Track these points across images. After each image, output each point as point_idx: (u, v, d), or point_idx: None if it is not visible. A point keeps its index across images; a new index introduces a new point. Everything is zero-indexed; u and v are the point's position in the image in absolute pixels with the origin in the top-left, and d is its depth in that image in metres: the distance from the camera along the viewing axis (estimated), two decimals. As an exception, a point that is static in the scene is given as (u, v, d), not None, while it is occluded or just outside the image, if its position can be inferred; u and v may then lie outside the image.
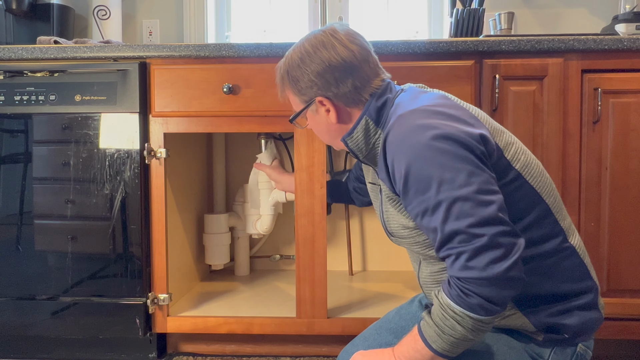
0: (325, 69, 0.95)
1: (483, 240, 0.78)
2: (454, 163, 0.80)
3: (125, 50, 1.48)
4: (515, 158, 0.89)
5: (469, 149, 0.82)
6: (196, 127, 1.49)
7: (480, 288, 0.79)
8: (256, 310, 1.57)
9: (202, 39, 2.14)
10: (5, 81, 1.50)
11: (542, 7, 2.07)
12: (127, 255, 1.50)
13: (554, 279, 0.89)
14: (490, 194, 0.80)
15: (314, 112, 1.01)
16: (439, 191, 0.80)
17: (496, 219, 0.79)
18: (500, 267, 0.78)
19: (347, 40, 0.95)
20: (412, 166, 0.82)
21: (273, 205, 1.78)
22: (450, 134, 0.82)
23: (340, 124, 1.00)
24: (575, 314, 0.90)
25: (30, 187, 1.51)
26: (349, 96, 0.96)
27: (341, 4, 2.18)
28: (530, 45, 1.42)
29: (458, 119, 0.86)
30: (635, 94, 1.43)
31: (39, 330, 1.52)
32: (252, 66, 1.46)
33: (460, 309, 0.80)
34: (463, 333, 0.81)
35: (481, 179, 0.80)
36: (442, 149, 0.81)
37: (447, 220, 0.80)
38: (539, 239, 0.89)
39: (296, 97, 1.02)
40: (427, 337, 0.84)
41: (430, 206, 0.82)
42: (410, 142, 0.83)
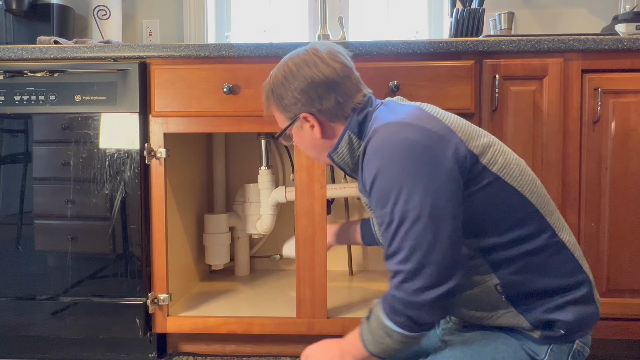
0: (308, 85, 0.98)
1: (420, 266, 0.84)
2: (416, 181, 0.85)
3: (125, 50, 1.48)
4: (492, 161, 0.91)
5: (436, 164, 0.86)
6: (196, 127, 1.49)
7: (407, 309, 0.86)
8: (256, 310, 1.57)
9: (202, 39, 2.14)
10: (5, 81, 1.50)
11: (542, 7, 2.07)
12: (127, 255, 1.50)
13: (546, 274, 0.91)
14: (441, 220, 0.84)
15: (299, 128, 1.04)
16: (394, 207, 0.86)
17: (438, 246, 0.84)
18: (429, 295, 0.84)
19: (329, 59, 0.99)
20: (377, 177, 0.88)
21: (273, 205, 1.78)
22: (419, 150, 0.86)
23: (325, 139, 1.03)
24: (570, 309, 0.90)
25: (30, 187, 1.51)
26: (332, 111, 1.00)
27: (341, 4, 2.18)
28: (530, 45, 1.42)
29: (429, 131, 0.89)
30: (635, 94, 1.43)
31: (39, 330, 1.52)
32: (252, 66, 1.46)
33: (389, 324, 0.88)
34: (391, 344, 0.90)
35: (438, 201, 0.84)
36: (408, 165, 0.85)
37: (394, 237, 0.86)
38: (527, 237, 0.90)
39: (281, 114, 1.05)
40: (364, 339, 0.93)
41: (386, 220, 0.87)
42: (380, 154, 0.88)
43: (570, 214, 1.45)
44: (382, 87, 1.43)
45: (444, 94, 1.43)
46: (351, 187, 1.78)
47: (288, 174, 2.02)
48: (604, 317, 1.45)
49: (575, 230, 1.45)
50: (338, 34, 1.92)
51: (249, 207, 1.88)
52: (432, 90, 1.43)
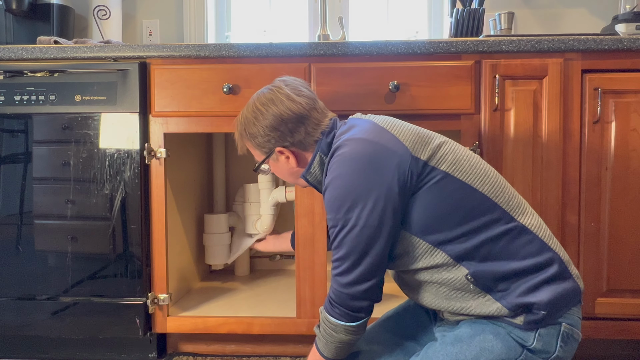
0: (278, 122, 1.06)
1: (352, 265, 0.97)
2: (358, 193, 0.95)
3: (125, 50, 1.48)
4: (441, 160, 0.97)
5: (378, 176, 0.94)
6: (196, 127, 1.49)
7: (340, 299, 0.99)
8: (256, 310, 1.57)
9: (202, 39, 2.14)
10: (5, 81, 1.50)
11: (542, 7, 2.07)
12: (127, 255, 1.50)
13: (511, 258, 0.94)
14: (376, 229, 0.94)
15: (275, 160, 1.13)
16: (337, 214, 0.97)
17: (370, 251, 0.95)
18: (358, 288, 0.97)
19: (293, 95, 1.07)
20: (328, 187, 0.99)
21: (273, 205, 1.78)
22: (364, 163, 0.96)
23: (300, 167, 1.12)
24: (545, 289, 0.92)
25: (30, 187, 1.51)
26: (303, 142, 1.08)
27: (341, 4, 2.18)
28: (530, 45, 1.42)
29: (376, 144, 0.97)
30: (635, 94, 1.43)
31: (39, 330, 1.52)
32: (252, 66, 1.46)
33: (331, 319, 1.01)
34: (341, 339, 1.01)
35: (375, 212, 0.94)
36: (353, 178, 0.95)
37: (336, 238, 0.98)
38: (482, 226, 0.95)
39: (256, 149, 1.13)
40: (318, 347, 1.06)
41: (330, 223, 0.99)
42: (332, 167, 0.99)
43: (570, 214, 1.45)
44: (382, 87, 1.43)
45: (444, 94, 1.43)
46: (351, 187, 1.78)
47: (288, 174, 2.02)
48: (604, 317, 1.45)
49: (575, 230, 1.45)
50: (338, 34, 1.92)
51: (249, 207, 1.88)
52: (432, 90, 1.43)
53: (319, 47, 1.43)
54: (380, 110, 1.44)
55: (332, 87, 1.44)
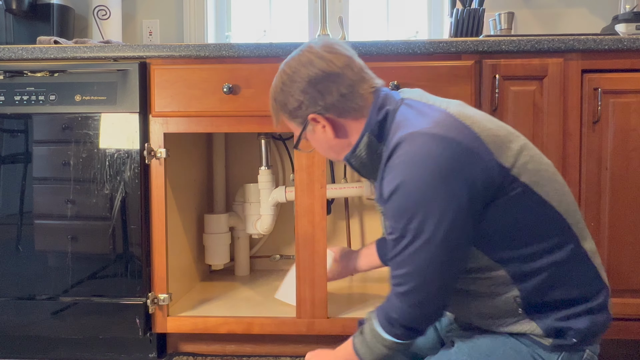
0: (307, 84, 0.95)
1: (421, 284, 0.86)
2: (435, 203, 0.83)
3: (125, 50, 1.48)
4: (523, 170, 0.87)
5: (459, 187, 0.83)
6: (196, 127, 1.49)
7: (403, 319, 0.89)
8: (256, 310, 1.57)
9: (202, 39, 2.14)
10: (5, 81, 1.50)
11: (542, 7, 2.06)
12: (127, 255, 1.50)
13: (566, 285, 0.88)
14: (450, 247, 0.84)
15: (312, 132, 1.00)
16: (408, 225, 0.85)
17: (442, 270, 0.86)
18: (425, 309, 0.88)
19: (324, 52, 0.95)
20: (397, 191, 0.85)
21: (273, 205, 1.78)
22: (444, 169, 0.83)
23: (339, 137, 0.99)
24: (585, 318, 0.89)
25: (30, 187, 1.51)
26: (338, 105, 0.95)
27: (341, 4, 2.18)
28: (530, 45, 1.42)
29: (458, 145, 0.85)
30: (635, 94, 1.43)
31: (39, 330, 1.52)
32: (252, 66, 1.46)
33: (386, 336, 0.92)
34: (386, 352, 0.94)
35: (453, 229, 0.83)
36: (430, 185, 0.83)
37: (403, 251, 0.87)
38: (551, 248, 0.88)
39: (291, 121, 1.01)
40: (359, 352, 0.96)
41: (397, 233, 0.87)
42: (403, 168, 0.85)
43: (570, 214, 1.45)
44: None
45: (444, 94, 1.41)
46: (351, 187, 1.78)
47: (288, 174, 2.02)
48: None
49: (575, 230, 1.45)
50: (338, 34, 1.92)
51: (249, 207, 1.88)
52: (432, 90, 1.41)
53: (319, 47, 1.43)
54: (380, 110, 1.44)
55: (332, 87, 1.44)
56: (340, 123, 0.97)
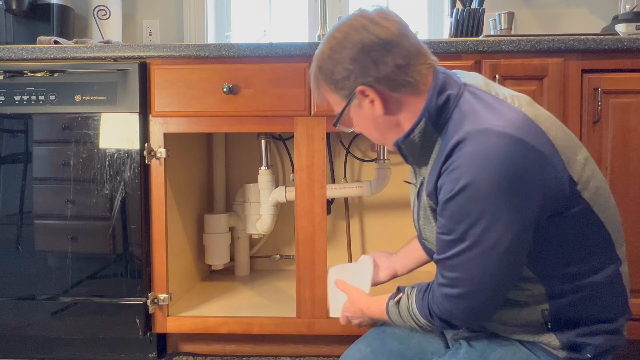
0: (359, 51, 0.84)
1: (474, 290, 0.81)
2: (503, 211, 0.76)
3: (125, 50, 1.48)
4: (586, 186, 0.82)
5: (530, 194, 0.77)
6: (196, 127, 1.49)
7: (445, 315, 0.86)
8: (256, 310, 1.57)
9: (202, 39, 2.14)
10: (5, 81, 1.50)
11: (542, 7, 2.06)
12: (127, 255, 1.50)
13: (596, 306, 0.86)
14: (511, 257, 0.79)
15: (358, 108, 0.90)
16: (470, 229, 0.78)
17: (499, 279, 0.80)
18: (472, 314, 0.83)
19: (379, 18, 0.85)
20: (462, 192, 0.77)
21: (273, 205, 1.78)
22: (518, 175, 0.76)
23: (388, 115, 0.88)
24: (604, 336, 0.87)
25: (30, 187, 1.51)
26: (392, 77, 0.84)
27: (341, 4, 2.17)
28: (530, 45, 1.42)
29: (532, 149, 0.77)
30: (635, 94, 1.43)
31: (39, 330, 1.52)
32: (252, 66, 1.46)
33: (423, 321, 0.90)
34: (418, 330, 0.97)
35: (516, 240, 0.77)
36: (501, 191, 0.75)
37: (459, 255, 0.80)
38: (594, 269, 0.84)
39: (335, 94, 0.90)
40: (392, 319, 0.98)
41: (454, 235, 0.80)
42: (472, 167, 0.76)
43: (570, 214, 1.45)
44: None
45: (444, 94, 1.43)
46: (351, 187, 1.78)
47: (288, 174, 2.02)
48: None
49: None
50: (338, 34, 1.91)
51: (249, 207, 1.88)
52: (432, 90, 1.43)
53: (319, 47, 1.43)
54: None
55: (332, 87, 1.44)
56: (392, 98, 0.87)
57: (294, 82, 1.45)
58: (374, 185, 1.77)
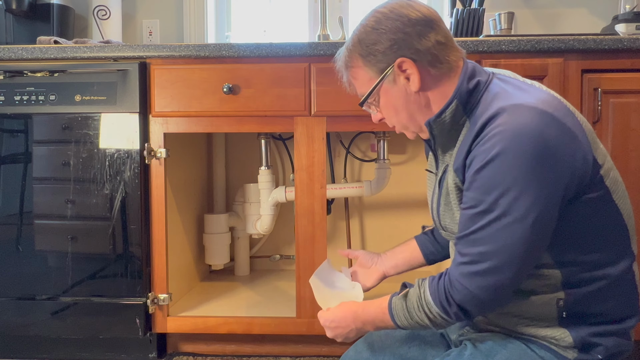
0: (405, 23, 0.87)
1: (500, 265, 0.79)
2: (534, 181, 0.77)
3: (125, 50, 1.48)
4: (606, 173, 0.84)
5: (560, 168, 0.78)
6: (196, 127, 1.49)
7: (463, 300, 0.83)
8: (256, 310, 1.57)
9: (202, 39, 2.14)
10: (5, 81, 1.50)
11: (542, 7, 2.06)
12: (127, 255, 1.50)
13: (609, 302, 0.86)
14: (539, 230, 0.79)
15: (391, 84, 0.90)
16: (500, 198, 0.78)
17: (522, 256, 0.79)
18: (494, 295, 0.81)
19: (420, 3, 0.91)
20: (493, 161, 0.78)
21: (273, 205, 1.78)
22: (549, 147, 0.77)
23: (422, 92, 0.89)
24: (612, 338, 0.86)
25: (30, 187, 1.51)
26: (433, 52, 0.87)
27: (341, 4, 2.18)
28: (530, 45, 1.42)
29: (563, 126, 0.79)
30: (635, 94, 1.43)
31: (39, 330, 1.52)
32: (252, 66, 1.46)
33: (437, 310, 0.86)
34: (428, 324, 0.88)
35: (544, 214, 0.78)
36: (532, 161, 0.76)
37: (485, 227, 0.80)
38: (609, 261, 0.85)
39: (369, 69, 0.91)
40: (395, 315, 0.91)
41: (482, 206, 0.80)
42: (504, 137, 0.77)
43: (570, 214, 1.45)
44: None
45: (444, 94, 1.43)
46: (351, 187, 1.78)
47: (288, 174, 2.02)
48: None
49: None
50: (338, 34, 1.91)
51: (249, 207, 1.88)
52: (432, 90, 1.43)
53: (319, 47, 1.43)
54: (380, 110, 1.44)
55: (332, 87, 1.44)
56: (428, 74, 0.89)
57: (294, 82, 1.45)
58: (374, 185, 1.77)
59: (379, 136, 1.77)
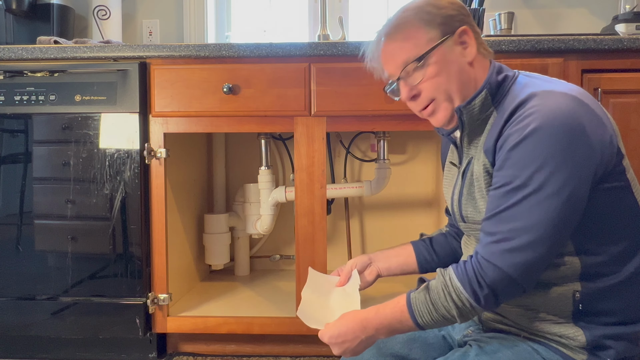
0: (462, 6, 0.95)
1: (529, 243, 0.78)
2: (569, 157, 0.78)
3: (125, 50, 1.48)
4: (628, 167, 0.86)
5: (592, 150, 0.80)
6: (196, 127, 1.49)
7: (497, 281, 0.80)
8: (256, 310, 1.57)
9: (202, 39, 2.14)
10: (5, 81, 1.50)
11: (542, 7, 2.07)
12: (127, 255, 1.50)
13: (624, 300, 0.85)
14: (574, 206, 0.79)
15: (449, 49, 0.91)
16: (536, 173, 0.78)
17: (555, 233, 0.79)
18: (526, 273, 0.79)
19: None
20: (530, 137, 0.79)
21: (273, 205, 1.78)
22: (582, 128, 0.79)
23: (475, 63, 0.92)
24: (624, 342, 0.85)
25: (30, 187, 1.51)
26: (479, 35, 0.94)
27: (341, 4, 2.18)
28: (530, 45, 1.42)
29: (592, 112, 0.82)
30: (635, 94, 1.43)
31: (39, 330, 1.52)
32: (252, 66, 1.46)
33: (466, 295, 0.81)
34: (454, 316, 0.83)
35: (577, 191, 0.79)
36: (567, 138, 0.78)
37: (520, 202, 0.79)
38: (626, 256, 0.85)
39: (430, 29, 0.91)
40: (416, 311, 0.85)
41: (517, 182, 0.80)
42: (540, 115, 0.79)
43: (570, 214, 1.45)
44: (382, 87, 1.43)
45: (444, 94, 1.43)
46: (351, 187, 1.78)
47: (288, 174, 2.02)
48: None
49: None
50: (338, 34, 1.92)
51: (249, 207, 1.88)
52: (432, 90, 1.43)
53: (319, 47, 1.43)
54: (380, 110, 1.44)
55: (332, 87, 1.44)
56: (479, 51, 0.93)
57: (294, 82, 1.45)
58: (374, 185, 1.77)
59: (379, 136, 1.77)
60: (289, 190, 1.75)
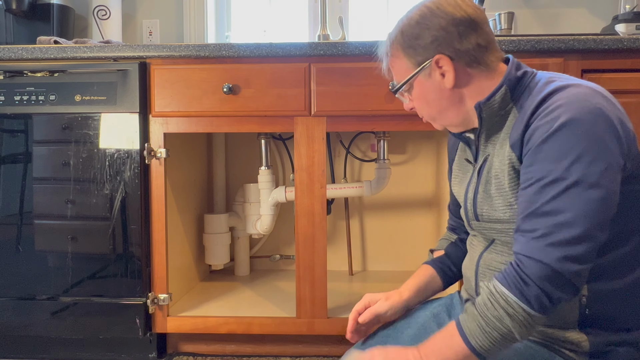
0: (449, 22, 0.89)
1: (575, 236, 0.75)
2: (604, 149, 0.76)
3: (125, 50, 1.48)
4: None
5: (621, 143, 0.79)
6: (196, 127, 1.49)
7: (543, 277, 0.75)
8: (256, 310, 1.57)
9: (202, 39, 2.14)
10: (5, 81, 1.50)
11: (542, 7, 2.07)
12: (127, 255, 1.50)
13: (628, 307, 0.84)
14: (613, 198, 0.77)
15: (427, 77, 0.93)
16: (573, 164, 0.76)
17: (599, 225, 0.76)
18: (574, 267, 0.75)
19: (469, 1, 0.92)
20: (563, 128, 0.77)
21: (273, 205, 1.78)
22: (611, 121, 0.78)
23: (456, 88, 0.92)
24: (626, 348, 0.84)
25: (30, 187, 1.51)
26: (471, 55, 0.90)
27: (341, 4, 2.18)
28: (530, 45, 1.42)
29: (615, 107, 0.83)
30: (635, 94, 1.43)
31: (39, 330, 1.52)
32: (252, 66, 1.46)
33: (514, 299, 0.76)
34: (509, 328, 0.76)
35: (613, 183, 0.77)
36: (600, 130, 0.77)
37: (560, 195, 0.76)
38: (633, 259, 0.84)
39: (408, 60, 0.94)
40: (466, 330, 0.79)
41: (553, 175, 0.77)
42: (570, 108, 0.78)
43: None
44: (382, 87, 1.43)
45: (444, 94, 1.43)
46: (351, 187, 1.78)
47: (288, 174, 2.02)
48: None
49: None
50: (338, 34, 1.92)
51: (249, 207, 1.88)
52: (432, 90, 1.43)
53: (319, 47, 1.43)
54: (380, 110, 1.44)
55: (332, 87, 1.44)
56: (465, 72, 0.91)
57: (294, 82, 1.45)
58: (374, 185, 1.77)
59: (379, 136, 1.77)
60: (289, 190, 1.75)
